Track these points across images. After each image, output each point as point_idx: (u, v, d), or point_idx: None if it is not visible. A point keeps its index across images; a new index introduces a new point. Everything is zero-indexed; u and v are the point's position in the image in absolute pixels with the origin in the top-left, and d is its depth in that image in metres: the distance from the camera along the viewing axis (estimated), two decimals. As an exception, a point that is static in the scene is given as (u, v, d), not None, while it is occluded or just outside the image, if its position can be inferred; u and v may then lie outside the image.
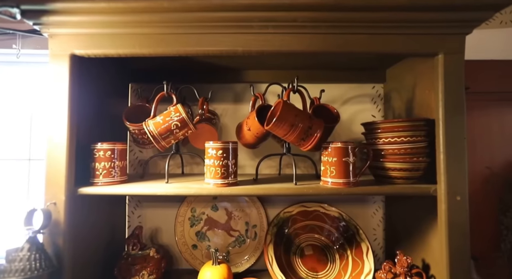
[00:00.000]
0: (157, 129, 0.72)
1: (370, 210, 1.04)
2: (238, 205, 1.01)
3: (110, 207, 0.91)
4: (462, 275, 0.64)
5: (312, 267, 0.92)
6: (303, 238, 0.98)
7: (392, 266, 0.77)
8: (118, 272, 0.83)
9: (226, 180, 0.69)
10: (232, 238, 1.01)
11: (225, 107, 1.03)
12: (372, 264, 0.85)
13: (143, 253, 0.86)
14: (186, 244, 0.99)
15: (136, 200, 1.03)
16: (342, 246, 0.95)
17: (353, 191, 0.68)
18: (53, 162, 0.65)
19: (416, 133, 0.69)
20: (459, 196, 0.65)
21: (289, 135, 0.69)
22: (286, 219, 0.97)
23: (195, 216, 1.01)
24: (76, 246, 0.69)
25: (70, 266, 0.65)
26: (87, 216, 0.76)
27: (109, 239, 0.90)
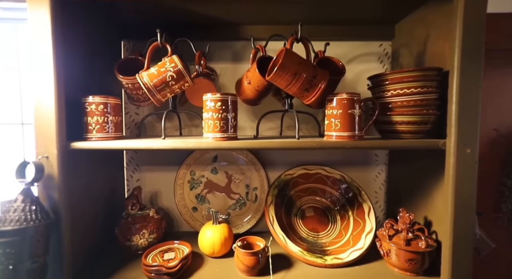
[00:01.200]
0: (151, 81, 0.68)
1: (373, 173, 1.02)
2: (238, 168, 0.99)
3: (108, 169, 0.89)
4: (466, 230, 0.63)
5: (313, 228, 0.92)
6: (304, 201, 0.97)
7: (394, 223, 0.76)
8: (118, 231, 0.82)
9: (226, 133, 0.66)
10: (232, 201, 1.00)
11: (223, 66, 0.98)
12: (374, 223, 0.84)
13: (142, 213, 0.85)
14: (186, 207, 0.98)
15: (134, 163, 1.01)
16: (343, 208, 0.94)
17: (358, 145, 0.65)
18: (42, 115, 0.62)
19: (427, 84, 0.65)
20: (469, 149, 0.62)
21: (292, 86, 0.65)
22: (287, 181, 0.96)
23: (194, 179, 0.99)
24: (73, 201, 0.68)
25: (68, 219, 0.63)
26: (83, 174, 0.74)
27: (108, 201, 0.89)
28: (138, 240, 0.81)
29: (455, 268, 0.64)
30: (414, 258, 0.69)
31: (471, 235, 0.64)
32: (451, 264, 0.64)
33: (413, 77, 0.65)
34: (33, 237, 0.54)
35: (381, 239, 0.76)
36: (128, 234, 0.81)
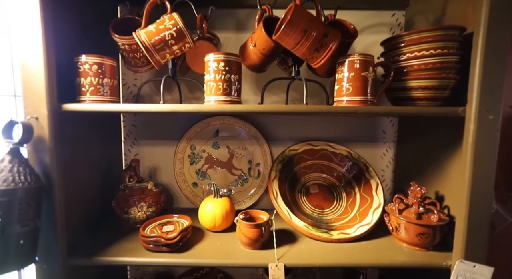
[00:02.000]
0: (150, 40, 0.63)
1: (380, 151, 0.98)
2: (240, 143, 0.95)
3: (105, 142, 0.85)
4: (483, 201, 0.60)
5: (318, 205, 0.88)
6: (308, 177, 0.94)
7: (404, 198, 0.72)
8: (116, 203, 0.79)
9: (229, 96, 0.62)
10: (234, 177, 0.96)
11: (226, 36, 0.92)
12: (382, 199, 0.81)
13: (140, 186, 0.81)
14: (186, 182, 0.95)
15: (132, 137, 0.97)
16: (349, 184, 0.90)
17: (371, 110, 0.61)
18: (30, 73, 0.57)
19: (448, 45, 0.60)
20: (491, 115, 0.57)
21: (301, 45, 0.60)
22: (291, 157, 0.92)
23: (195, 154, 0.95)
24: (67, 168, 0.64)
25: (60, 185, 0.60)
26: (78, 141, 0.70)
27: (106, 175, 0.85)
28: (136, 212, 0.78)
29: (470, 243, 0.61)
30: (425, 232, 0.66)
31: (488, 207, 0.60)
32: (465, 238, 0.61)
33: (432, 37, 0.59)
34: (22, 199, 0.51)
35: (390, 214, 0.72)
36: (126, 206, 0.78)
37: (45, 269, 0.61)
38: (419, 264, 0.65)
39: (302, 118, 0.96)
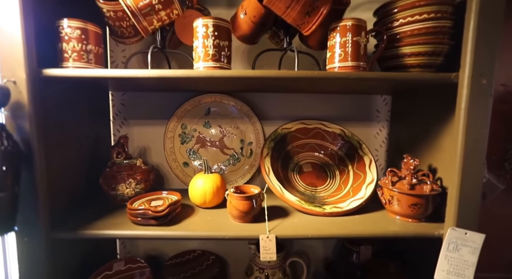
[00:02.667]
0: (136, 4, 0.60)
1: (373, 130, 0.98)
2: (232, 121, 0.93)
3: (92, 119, 0.82)
4: (476, 169, 0.59)
5: (311, 183, 0.87)
6: (302, 157, 0.92)
7: (398, 171, 0.71)
8: (103, 180, 0.77)
9: (218, 63, 0.60)
10: (226, 157, 0.94)
11: (217, 12, 0.90)
12: (375, 175, 0.80)
13: (129, 162, 0.79)
14: (176, 161, 0.92)
15: (121, 117, 0.94)
16: (343, 162, 0.89)
17: (363, 75, 0.60)
18: (5, 37, 0.54)
19: (442, 9, 0.58)
20: (485, 80, 0.57)
21: (292, 9, 0.58)
22: (284, 135, 0.90)
23: (185, 133, 0.93)
24: (49, 138, 0.61)
25: (41, 153, 0.57)
26: (61, 111, 0.68)
27: (93, 153, 0.82)
28: (124, 189, 0.76)
29: (461, 211, 0.61)
30: (417, 202, 0.65)
31: (480, 176, 0.59)
32: (457, 207, 0.60)
33: (426, 0, 0.58)
34: (-2, 163, 0.48)
35: (383, 187, 0.71)
36: (113, 182, 0.75)
37: (26, 242, 0.59)
38: (411, 233, 0.64)
39: (295, 97, 0.94)
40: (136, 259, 0.82)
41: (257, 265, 0.82)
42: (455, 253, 0.60)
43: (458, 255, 0.60)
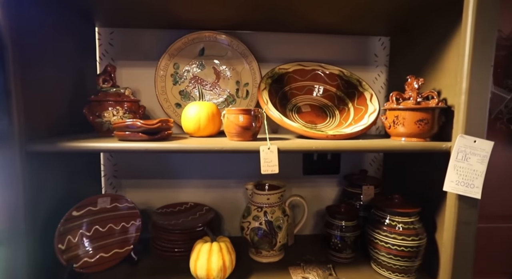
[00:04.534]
0: None
1: (372, 75, 0.96)
2: (228, 62, 0.89)
3: (76, 56, 0.76)
4: (483, 76, 0.57)
5: (311, 120, 0.84)
6: (300, 99, 0.89)
7: (401, 93, 0.69)
8: (87, 109, 0.71)
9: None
10: (221, 98, 0.90)
11: None
12: (377, 106, 0.77)
13: (117, 90, 0.73)
14: (168, 101, 0.87)
15: (109, 58, 0.89)
16: (342, 102, 0.87)
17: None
18: None
19: None
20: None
21: None
22: (281, 75, 0.87)
23: (178, 73, 0.88)
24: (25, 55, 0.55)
25: (15, 50, 0.51)
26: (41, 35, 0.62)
27: (77, 91, 0.75)
28: (111, 116, 0.70)
29: (469, 125, 0.58)
30: (423, 118, 0.63)
31: (488, 81, 0.57)
32: (464, 122, 0.58)
33: None
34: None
35: (387, 110, 0.69)
36: (99, 110, 0.70)
37: None
38: (419, 148, 0.61)
39: (292, 37, 0.92)
40: (124, 197, 0.76)
41: (255, 204, 0.77)
42: (464, 163, 0.58)
43: (467, 164, 0.58)
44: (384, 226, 0.69)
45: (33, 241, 0.58)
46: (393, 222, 0.68)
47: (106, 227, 0.72)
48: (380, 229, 0.69)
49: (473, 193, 0.57)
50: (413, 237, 0.66)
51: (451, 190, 0.58)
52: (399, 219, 0.68)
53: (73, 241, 0.66)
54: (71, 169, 0.73)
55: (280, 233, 0.74)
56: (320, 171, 0.97)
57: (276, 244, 0.74)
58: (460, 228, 0.59)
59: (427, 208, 0.70)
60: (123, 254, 0.73)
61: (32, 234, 0.57)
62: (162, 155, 0.93)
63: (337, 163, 0.97)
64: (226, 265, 0.65)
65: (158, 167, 0.93)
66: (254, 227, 0.74)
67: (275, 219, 0.75)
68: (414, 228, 0.67)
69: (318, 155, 0.95)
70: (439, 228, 0.68)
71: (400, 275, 0.68)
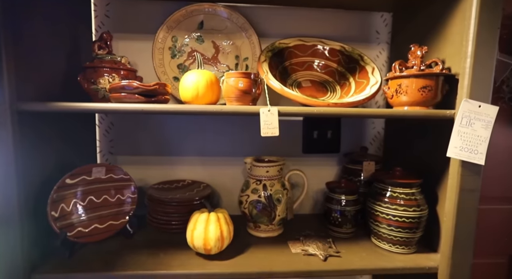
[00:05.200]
0: None
1: (374, 52, 0.94)
2: (227, 36, 0.87)
3: (71, 26, 0.74)
4: (489, 47, 0.56)
5: (311, 95, 0.81)
6: (300, 75, 0.87)
7: (404, 62, 0.67)
8: (82, 77, 0.69)
9: None
10: (220, 74, 0.88)
11: None
12: (379, 78, 0.76)
13: (113, 58, 0.71)
14: (166, 74, 0.85)
15: (105, 30, 0.86)
16: (343, 77, 0.85)
17: None
18: None
19: None
20: None
21: None
22: (281, 49, 0.85)
23: (176, 47, 0.86)
24: None
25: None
26: None
27: (72, 63, 0.73)
28: (106, 83, 0.67)
29: (474, 90, 0.57)
30: (427, 85, 0.61)
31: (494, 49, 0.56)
32: (469, 85, 0.57)
33: None
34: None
35: (389, 80, 0.68)
36: (94, 76, 0.67)
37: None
38: (422, 114, 0.60)
39: (293, 11, 0.90)
40: (119, 168, 0.74)
41: (254, 177, 0.75)
42: (468, 128, 0.57)
43: (471, 130, 0.56)
44: (385, 198, 0.68)
45: (26, 209, 0.56)
46: (394, 194, 0.67)
47: (101, 198, 0.71)
48: (381, 201, 0.68)
49: (476, 159, 0.56)
50: (415, 208, 0.65)
51: (454, 156, 0.57)
52: (400, 190, 0.67)
53: (67, 210, 0.64)
54: (65, 141, 0.71)
55: (279, 206, 0.73)
56: (320, 149, 0.95)
57: (275, 218, 0.73)
58: (462, 196, 0.58)
59: (429, 182, 0.69)
60: (118, 226, 0.71)
61: (24, 201, 0.56)
62: (159, 131, 0.91)
63: (337, 142, 0.95)
64: (224, 235, 0.63)
65: (155, 144, 0.92)
66: (253, 200, 0.73)
67: (274, 192, 0.73)
68: (415, 199, 0.66)
69: (318, 133, 0.94)
70: (441, 201, 0.67)
71: (401, 247, 0.67)
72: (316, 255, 0.66)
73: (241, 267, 0.61)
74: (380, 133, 0.97)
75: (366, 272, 0.62)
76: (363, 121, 0.96)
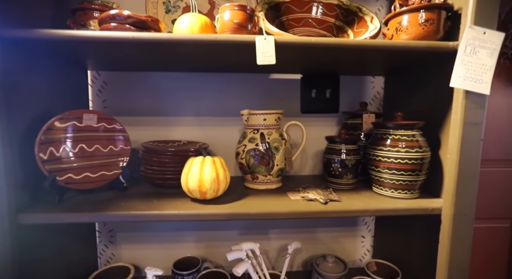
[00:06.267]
0: None
1: (373, 9, 0.92)
2: (222, -9, 0.85)
3: None
4: None
5: (308, 47, 0.80)
6: (297, 31, 0.85)
7: (405, 0, 0.65)
8: (71, 20, 0.66)
9: None
10: (216, 28, 0.86)
11: None
12: (378, 24, 0.74)
13: (103, 2, 0.69)
14: (160, 28, 0.83)
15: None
16: (341, 30, 0.83)
17: None
18: None
19: None
20: None
21: None
22: (278, 3, 0.83)
23: (171, 2, 0.84)
24: None
25: None
26: None
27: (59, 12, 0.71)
28: (97, 26, 0.65)
29: (478, 16, 0.55)
30: (429, 18, 0.59)
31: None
32: (474, 11, 0.55)
33: None
34: None
35: (389, 19, 0.66)
36: (84, 19, 0.65)
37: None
38: (424, 46, 0.58)
39: (290, -33, 0.88)
40: (112, 118, 0.71)
41: (251, 127, 0.73)
42: (472, 57, 0.55)
43: (476, 58, 0.55)
44: (387, 141, 0.66)
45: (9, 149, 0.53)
46: (396, 136, 0.65)
47: (93, 147, 0.68)
48: (383, 146, 0.66)
49: (481, 89, 0.54)
50: (417, 149, 0.63)
51: (458, 85, 0.55)
52: (402, 133, 0.65)
53: (56, 154, 0.62)
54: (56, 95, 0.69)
55: (278, 155, 0.71)
56: (319, 109, 0.93)
57: (274, 168, 0.71)
58: (466, 129, 0.56)
59: (430, 131, 0.67)
60: (111, 177, 0.69)
61: (9, 140, 0.53)
62: (153, 91, 0.89)
63: (336, 101, 0.93)
64: (220, 178, 0.61)
65: (150, 104, 0.89)
66: (250, 149, 0.71)
67: (272, 140, 0.71)
68: (417, 140, 0.64)
69: (316, 92, 0.92)
70: (443, 145, 0.64)
71: (403, 191, 0.65)
72: (317, 199, 0.64)
73: (239, 209, 0.59)
74: (379, 92, 0.96)
75: (368, 213, 0.60)
76: (362, 80, 0.94)
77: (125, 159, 0.71)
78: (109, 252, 0.95)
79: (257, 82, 0.92)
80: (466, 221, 0.59)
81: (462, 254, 0.59)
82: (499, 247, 1.04)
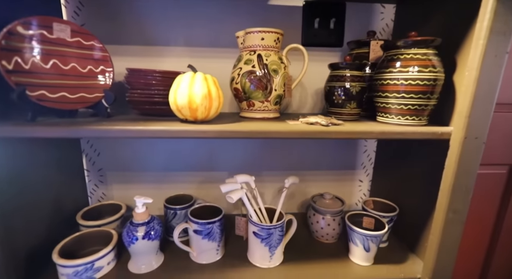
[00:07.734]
0: None
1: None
2: None
3: None
4: None
5: None
6: None
7: None
8: None
9: None
10: None
11: None
12: None
13: None
14: None
15: None
16: None
17: None
18: None
19: None
20: None
21: None
22: None
23: None
24: None
25: None
26: None
27: None
28: None
29: None
30: None
31: None
32: None
33: None
34: None
35: None
36: None
37: None
38: None
39: None
40: (90, 34, 0.63)
41: (247, 48, 0.66)
42: None
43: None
44: (397, 62, 0.59)
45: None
46: (409, 55, 0.58)
47: (69, 65, 0.60)
48: (392, 67, 0.60)
49: (514, -12, 0.47)
50: (431, 68, 0.57)
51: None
52: (415, 51, 0.58)
53: (24, 67, 0.54)
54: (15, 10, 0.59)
55: (276, 79, 0.64)
56: (321, 42, 0.85)
57: (271, 92, 0.65)
58: (492, 39, 0.50)
59: (447, 53, 0.60)
60: (92, 100, 0.62)
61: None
62: (140, 17, 0.79)
63: (340, 33, 0.85)
64: (212, 95, 0.55)
65: (136, 30, 0.80)
66: (246, 71, 0.64)
67: (271, 62, 0.64)
68: (430, 59, 0.57)
69: (319, 22, 0.83)
70: (459, 67, 0.58)
71: (411, 118, 0.60)
72: (318, 123, 0.59)
73: (232, 127, 0.54)
74: (388, 25, 0.87)
75: (373, 135, 0.56)
76: (371, 8, 0.85)
77: (108, 81, 0.64)
78: (100, 192, 0.91)
79: (254, 10, 0.82)
80: (476, 145, 0.55)
81: (468, 175, 0.56)
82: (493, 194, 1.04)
